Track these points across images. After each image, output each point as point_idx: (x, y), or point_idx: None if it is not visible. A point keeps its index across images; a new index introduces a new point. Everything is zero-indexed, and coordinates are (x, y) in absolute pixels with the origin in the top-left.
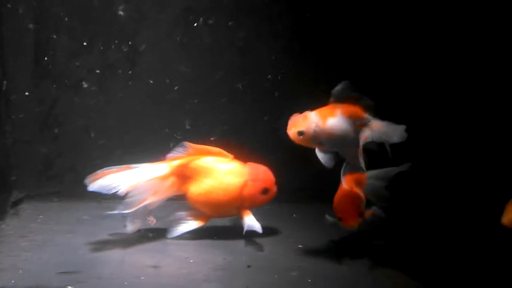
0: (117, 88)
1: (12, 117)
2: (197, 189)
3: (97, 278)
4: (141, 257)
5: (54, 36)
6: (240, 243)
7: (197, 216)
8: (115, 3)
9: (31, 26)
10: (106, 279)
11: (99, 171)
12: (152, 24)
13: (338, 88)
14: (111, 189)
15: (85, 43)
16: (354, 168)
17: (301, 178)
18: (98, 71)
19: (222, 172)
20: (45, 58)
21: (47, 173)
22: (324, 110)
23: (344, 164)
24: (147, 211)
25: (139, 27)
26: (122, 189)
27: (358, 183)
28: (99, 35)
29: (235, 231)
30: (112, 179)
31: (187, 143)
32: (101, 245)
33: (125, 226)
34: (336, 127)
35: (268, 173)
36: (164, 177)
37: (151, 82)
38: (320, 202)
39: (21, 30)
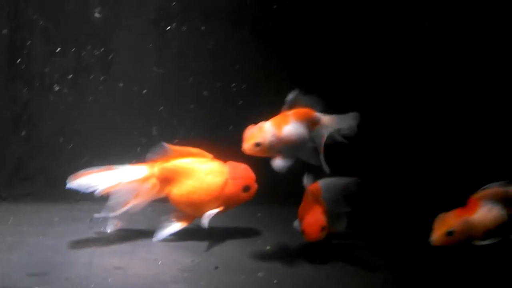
0: (90, 91)
1: None
2: (179, 190)
3: (65, 280)
4: (109, 259)
5: (28, 39)
6: (208, 245)
7: (180, 217)
8: (90, 7)
9: (4, 31)
10: (74, 280)
11: (81, 171)
12: (126, 28)
13: (290, 97)
14: (89, 188)
15: (58, 47)
16: (316, 177)
17: (272, 181)
18: (71, 75)
19: (203, 172)
20: (18, 60)
21: (19, 175)
22: (277, 118)
23: (306, 174)
24: (129, 213)
25: (113, 31)
26: (100, 189)
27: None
28: (73, 38)
29: (203, 232)
30: (91, 179)
31: (166, 145)
32: (71, 246)
33: (104, 226)
34: (292, 134)
35: (248, 171)
36: (145, 179)
37: (121, 85)
38: (291, 205)
39: None
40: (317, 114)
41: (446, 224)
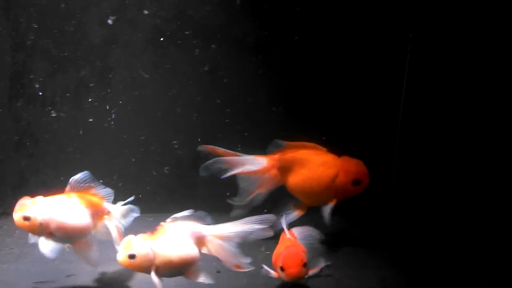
0: (91, 107)
1: None
2: (294, 179)
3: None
4: (114, 266)
5: (29, 59)
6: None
7: (297, 205)
8: (89, 26)
9: (7, 46)
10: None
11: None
12: (123, 46)
13: (77, 178)
14: (216, 169)
15: (58, 66)
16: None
17: None
18: (72, 91)
19: (316, 163)
20: (21, 79)
21: (22, 190)
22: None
23: (283, 217)
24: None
25: (111, 49)
26: (226, 174)
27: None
28: (73, 57)
29: None
30: (220, 163)
31: (282, 141)
32: (75, 256)
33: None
34: (74, 219)
35: (360, 166)
36: (267, 170)
37: (120, 102)
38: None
39: None
40: (106, 205)
41: (128, 246)
